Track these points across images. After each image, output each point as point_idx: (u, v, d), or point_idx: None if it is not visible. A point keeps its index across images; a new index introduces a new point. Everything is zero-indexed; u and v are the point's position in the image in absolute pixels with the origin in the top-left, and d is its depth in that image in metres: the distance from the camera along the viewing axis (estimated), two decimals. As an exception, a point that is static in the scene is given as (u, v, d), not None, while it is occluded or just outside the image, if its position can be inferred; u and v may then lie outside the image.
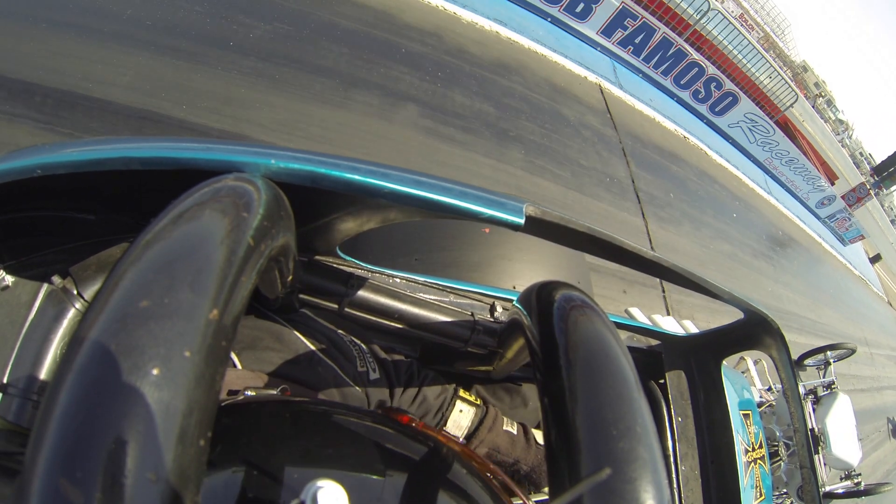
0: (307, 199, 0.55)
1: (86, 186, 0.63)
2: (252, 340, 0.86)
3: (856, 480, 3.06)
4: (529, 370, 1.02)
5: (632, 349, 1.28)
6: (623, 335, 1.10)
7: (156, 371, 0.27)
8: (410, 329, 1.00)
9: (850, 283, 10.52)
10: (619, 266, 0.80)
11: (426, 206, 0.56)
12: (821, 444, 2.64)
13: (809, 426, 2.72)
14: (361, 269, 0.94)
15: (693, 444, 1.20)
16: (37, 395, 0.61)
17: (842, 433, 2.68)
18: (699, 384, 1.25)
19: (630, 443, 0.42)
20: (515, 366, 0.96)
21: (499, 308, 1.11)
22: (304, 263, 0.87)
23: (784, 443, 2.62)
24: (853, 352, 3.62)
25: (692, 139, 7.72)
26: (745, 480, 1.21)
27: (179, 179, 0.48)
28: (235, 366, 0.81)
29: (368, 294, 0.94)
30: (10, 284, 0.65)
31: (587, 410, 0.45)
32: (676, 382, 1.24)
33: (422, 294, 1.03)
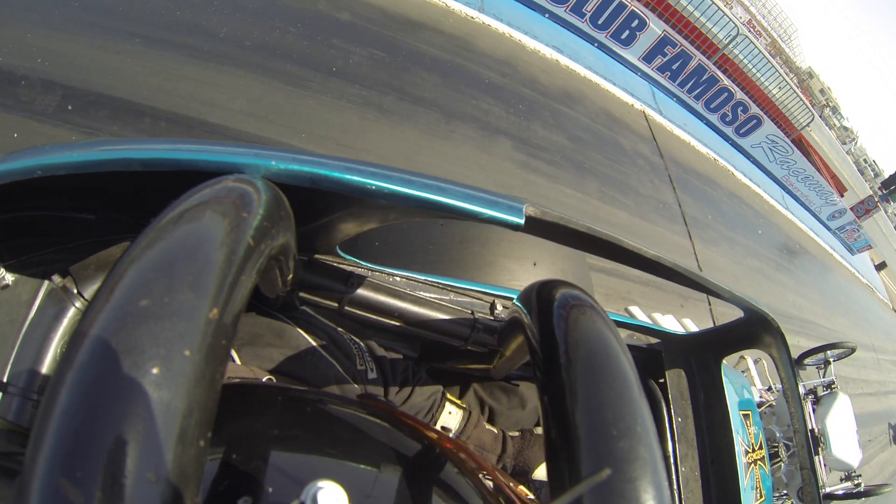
0: (307, 200, 0.55)
1: (86, 186, 0.63)
2: (252, 337, 0.86)
3: (856, 482, 3.06)
4: (529, 369, 1.02)
5: (632, 348, 1.28)
6: (623, 334, 1.10)
7: (156, 370, 0.27)
8: (410, 327, 1.00)
9: (859, 291, 10.95)
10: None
11: (426, 207, 0.56)
12: (821, 445, 2.64)
13: (809, 427, 2.71)
14: (361, 268, 0.94)
15: (693, 445, 1.20)
16: (37, 395, 0.61)
17: (842, 434, 2.68)
18: (699, 383, 1.25)
19: (630, 443, 0.42)
20: (515, 364, 0.96)
21: (499, 306, 1.11)
22: (305, 262, 0.87)
23: (784, 443, 2.61)
24: (853, 351, 3.62)
25: (721, 161, 8.23)
26: (746, 481, 1.21)
27: (180, 180, 0.48)
28: (234, 361, 0.81)
29: (368, 292, 0.94)
30: (11, 283, 0.65)
31: (587, 410, 0.45)
32: (676, 382, 1.24)
33: (422, 292, 1.03)
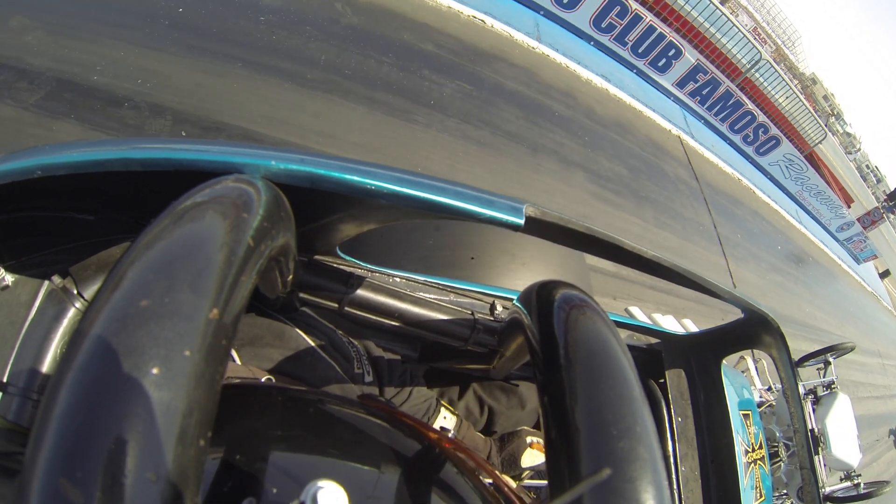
0: (307, 200, 0.55)
1: (86, 187, 0.63)
2: (252, 338, 0.86)
3: (856, 481, 3.06)
4: (529, 369, 1.02)
5: (632, 348, 1.28)
6: (623, 334, 1.10)
7: (156, 371, 0.27)
8: (410, 328, 1.00)
9: (865, 299, 11.52)
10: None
11: (426, 207, 0.56)
12: (821, 445, 2.64)
13: (809, 426, 2.71)
14: (361, 269, 0.94)
15: (693, 445, 1.20)
16: (37, 395, 0.61)
17: (842, 434, 2.67)
18: (699, 384, 1.25)
19: (630, 443, 0.42)
20: (515, 364, 0.96)
21: (499, 307, 1.11)
22: (305, 263, 0.87)
23: (784, 443, 2.62)
24: (852, 349, 3.64)
25: (744, 181, 8.79)
26: (745, 481, 1.21)
27: (179, 180, 0.48)
28: (234, 361, 0.81)
29: (368, 293, 0.94)
30: (10, 284, 0.65)
31: (587, 410, 0.45)
32: (676, 382, 1.24)
33: (422, 293, 1.03)
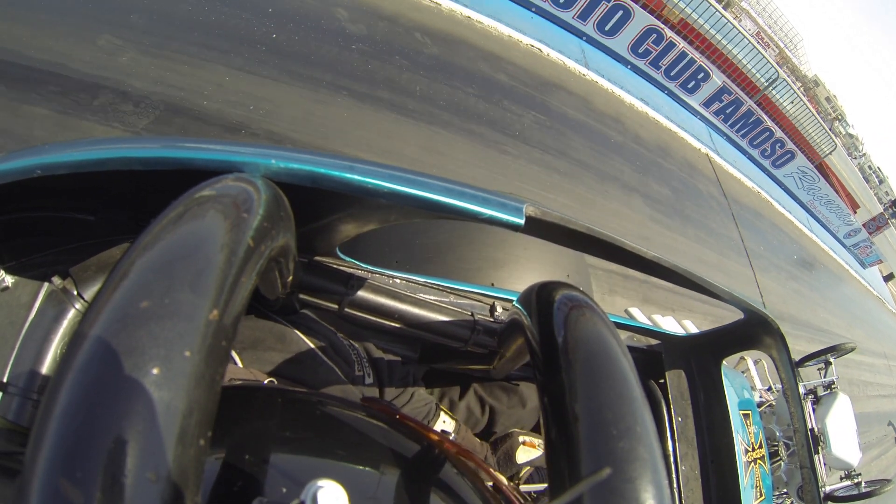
0: (307, 200, 0.55)
1: (86, 186, 0.63)
2: (254, 341, 0.86)
3: (856, 480, 3.06)
4: (529, 370, 1.02)
5: (632, 349, 1.28)
6: (623, 335, 1.10)
7: (156, 371, 0.27)
8: (410, 329, 0.99)
9: (871, 303, 11.96)
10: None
11: (426, 207, 0.56)
12: (821, 444, 2.64)
13: (809, 426, 2.71)
14: (361, 270, 0.94)
15: (693, 444, 1.20)
16: (37, 395, 0.61)
17: (842, 433, 2.67)
18: (699, 384, 1.25)
19: (630, 442, 0.42)
20: (515, 365, 0.96)
21: (499, 308, 1.11)
22: (305, 264, 0.87)
23: (784, 443, 2.61)
24: (852, 349, 3.64)
25: (763, 194, 9.26)
26: (745, 480, 1.21)
27: (179, 179, 0.48)
28: (236, 364, 0.81)
29: (368, 294, 0.94)
30: (10, 285, 0.65)
31: (587, 410, 0.45)
32: (676, 382, 1.24)
33: (422, 294, 1.03)
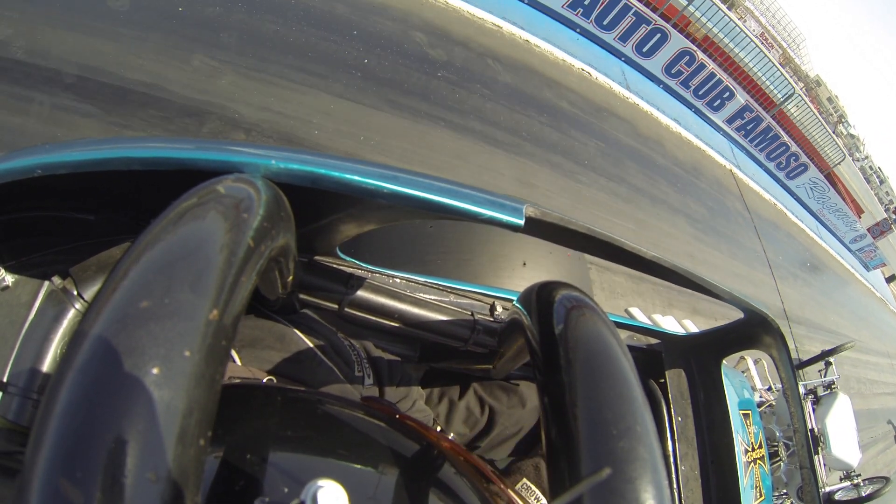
0: (307, 200, 0.55)
1: (86, 186, 0.63)
2: (253, 340, 0.86)
3: (855, 481, 3.06)
4: (529, 370, 1.02)
5: (632, 349, 1.28)
6: (623, 335, 1.10)
7: (156, 371, 0.27)
8: (410, 329, 0.99)
9: (874, 304, 12.55)
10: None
11: (426, 207, 0.56)
12: (820, 445, 2.64)
13: (809, 426, 2.72)
14: (361, 270, 0.94)
15: (693, 444, 1.20)
16: (37, 395, 0.61)
17: (841, 434, 2.68)
18: (699, 384, 1.25)
19: (630, 442, 0.42)
20: (515, 365, 0.96)
21: (499, 308, 1.11)
22: (305, 264, 0.87)
23: (784, 443, 2.62)
24: (851, 347, 3.69)
25: (779, 205, 9.81)
26: (745, 480, 1.21)
27: (180, 179, 0.48)
28: (235, 362, 0.81)
29: (368, 294, 0.94)
30: (10, 284, 0.65)
31: (587, 410, 0.45)
32: (676, 382, 1.24)
33: (422, 294, 1.03)
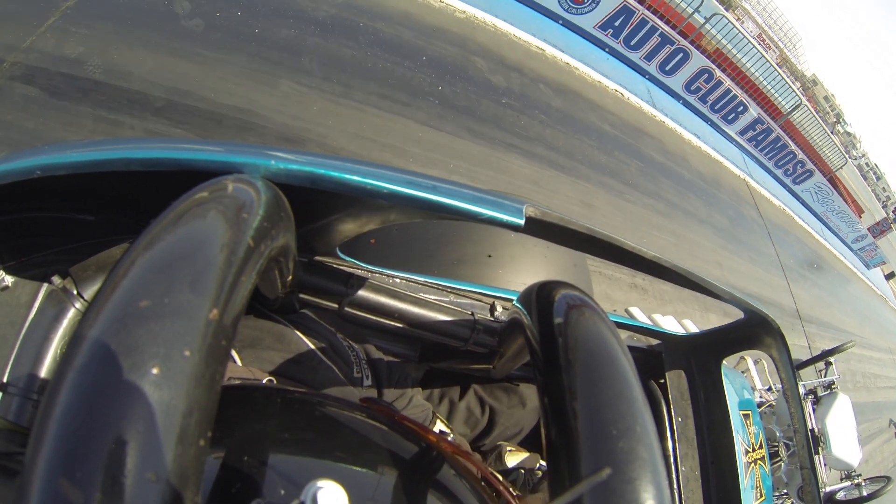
0: (307, 200, 0.55)
1: (86, 187, 0.63)
2: (253, 340, 0.86)
3: (856, 481, 3.06)
4: (529, 370, 1.02)
5: (632, 349, 1.28)
6: (623, 335, 1.10)
7: (156, 370, 0.27)
8: (410, 328, 0.99)
9: (875, 302, 12.93)
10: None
11: (426, 207, 0.56)
12: (821, 445, 2.64)
13: (809, 426, 2.71)
14: (361, 270, 0.94)
15: (693, 445, 1.20)
16: (37, 395, 0.61)
17: (842, 433, 2.68)
18: (699, 384, 1.25)
19: (630, 443, 0.42)
20: (515, 365, 0.96)
21: (499, 307, 1.11)
22: (304, 264, 0.87)
23: (784, 443, 2.62)
24: (852, 346, 3.68)
25: (788, 210, 10.32)
26: (746, 481, 1.21)
27: (179, 180, 0.48)
28: (235, 362, 0.81)
29: (368, 294, 0.94)
30: (10, 285, 0.65)
31: (587, 410, 0.45)
32: (676, 382, 1.24)
33: (422, 294, 1.03)
